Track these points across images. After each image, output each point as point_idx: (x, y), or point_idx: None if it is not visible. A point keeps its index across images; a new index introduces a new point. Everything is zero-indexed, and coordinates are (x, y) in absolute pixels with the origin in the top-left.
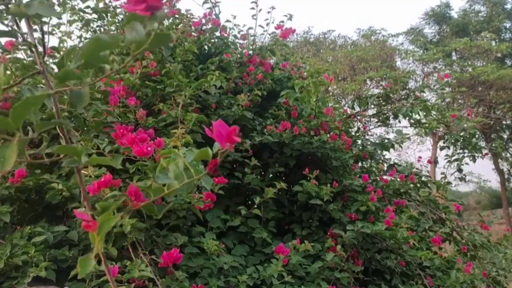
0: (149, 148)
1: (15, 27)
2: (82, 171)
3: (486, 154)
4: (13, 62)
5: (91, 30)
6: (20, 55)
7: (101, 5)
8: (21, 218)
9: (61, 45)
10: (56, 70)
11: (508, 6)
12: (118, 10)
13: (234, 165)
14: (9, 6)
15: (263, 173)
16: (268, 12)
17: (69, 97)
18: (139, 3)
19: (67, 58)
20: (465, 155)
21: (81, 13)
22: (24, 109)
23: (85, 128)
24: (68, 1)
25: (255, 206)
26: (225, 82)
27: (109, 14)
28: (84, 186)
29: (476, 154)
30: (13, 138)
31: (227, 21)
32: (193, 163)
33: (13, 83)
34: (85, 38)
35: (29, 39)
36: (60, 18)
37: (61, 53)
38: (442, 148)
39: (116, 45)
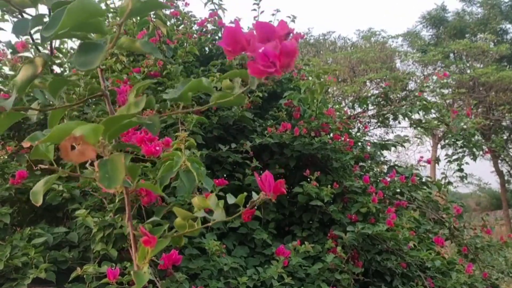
0: (157, 148)
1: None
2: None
3: (487, 152)
4: (87, 84)
5: None
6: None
7: (102, 6)
8: (21, 220)
9: (61, 46)
10: (58, 70)
11: (504, 7)
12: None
13: (235, 166)
14: (121, 39)
15: None
16: (273, 15)
17: (145, 125)
18: (268, 67)
19: (142, 89)
20: (465, 154)
21: None
22: (115, 133)
23: None
24: None
25: (255, 207)
26: None
27: (110, 15)
28: (130, 206)
29: (476, 152)
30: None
31: (231, 22)
32: (195, 166)
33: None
34: None
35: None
36: (160, 57)
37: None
38: (443, 147)
39: (210, 90)
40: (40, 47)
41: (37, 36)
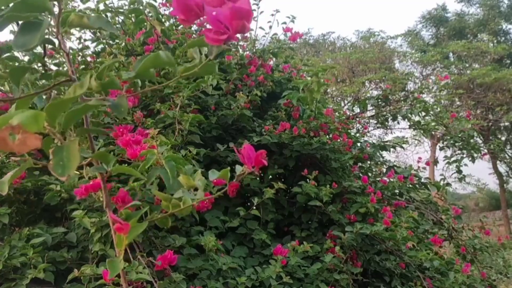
0: (142, 151)
1: None
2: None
3: (485, 154)
4: (57, 75)
5: (91, 31)
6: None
7: (101, 6)
8: (19, 220)
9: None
10: (55, 69)
11: (504, 7)
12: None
13: (233, 166)
14: (70, 16)
15: (262, 174)
16: (272, 15)
17: (109, 107)
18: (221, 34)
19: (108, 70)
20: (464, 156)
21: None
22: (71, 118)
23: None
24: (69, 2)
25: (254, 207)
26: (225, 84)
27: (109, 15)
28: (108, 193)
29: (475, 154)
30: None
31: None
32: (170, 164)
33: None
34: (85, 40)
35: (65, 48)
36: (116, 32)
37: (62, 53)
38: (441, 149)
39: (171, 64)
40: (67, 56)
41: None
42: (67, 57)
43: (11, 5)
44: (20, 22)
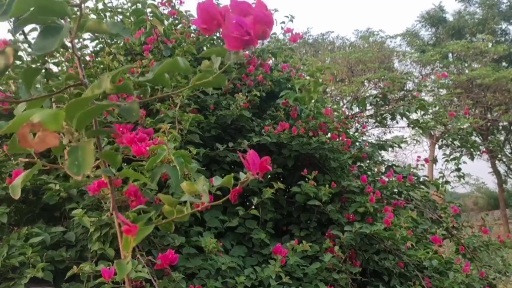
0: (147, 148)
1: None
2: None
3: (484, 152)
4: (68, 78)
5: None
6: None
7: (100, 5)
8: (18, 219)
9: None
10: (55, 69)
11: (503, 7)
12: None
13: (233, 166)
14: (88, 22)
15: None
16: None
17: (119, 111)
18: (242, 36)
19: (121, 75)
20: (463, 153)
21: None
22: (85, 119)
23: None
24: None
25: (253, 206)
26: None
27: (107, 14)
28: (114, 195)
29: (474, 152)
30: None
31: None
32: (179, 160)
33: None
34: (83, 39)
35: (77, 52)
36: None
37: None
38: (440, 147)
39: (187, 71)
40: (78, 60)
41: (34, 35)
42: (79, 61)
43: (31, 9)
44: (38, 26)
